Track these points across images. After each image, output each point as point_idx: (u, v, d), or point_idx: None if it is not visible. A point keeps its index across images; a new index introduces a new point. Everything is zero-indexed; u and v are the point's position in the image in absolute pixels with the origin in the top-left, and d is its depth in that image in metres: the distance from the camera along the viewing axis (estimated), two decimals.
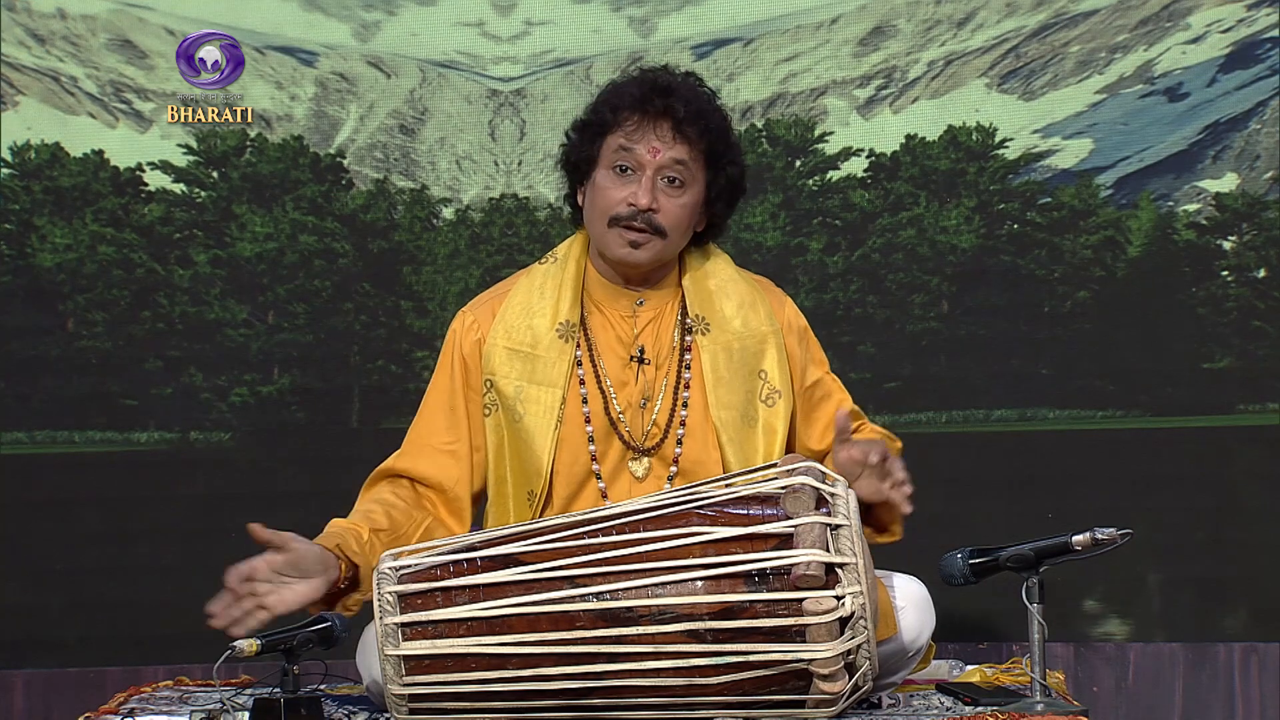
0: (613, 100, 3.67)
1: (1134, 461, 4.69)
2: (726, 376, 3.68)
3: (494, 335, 3.71)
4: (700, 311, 3.71)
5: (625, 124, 3.65)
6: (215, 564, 4.65)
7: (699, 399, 3.69)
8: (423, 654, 3.28)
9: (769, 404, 3.69)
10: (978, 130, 4.75)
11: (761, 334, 3.72)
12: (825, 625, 3.21)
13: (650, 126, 3.63)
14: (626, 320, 3.72)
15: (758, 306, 3.75)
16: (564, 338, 3.69)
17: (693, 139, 3.63)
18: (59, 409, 4.68)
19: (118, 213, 4.70)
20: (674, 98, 3.63)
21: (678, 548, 3.27)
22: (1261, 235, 4.73)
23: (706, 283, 3.75)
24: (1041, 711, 3.41)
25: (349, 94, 4.77)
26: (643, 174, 3.63)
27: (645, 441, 3.67)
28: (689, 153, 3.63)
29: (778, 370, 3.71)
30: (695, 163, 3.64)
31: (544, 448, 3.65)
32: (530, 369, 3.68)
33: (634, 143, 3.64)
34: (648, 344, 3.71)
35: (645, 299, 3.73)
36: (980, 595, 3.68)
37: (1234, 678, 4.64)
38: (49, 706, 4.60)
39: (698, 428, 3.67)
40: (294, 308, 4.71)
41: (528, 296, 3.73)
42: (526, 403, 3.67)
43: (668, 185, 3.63)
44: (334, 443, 4.69)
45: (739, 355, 3.70)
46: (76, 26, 4.72)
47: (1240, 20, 4.73)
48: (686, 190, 3.65)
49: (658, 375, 3.70)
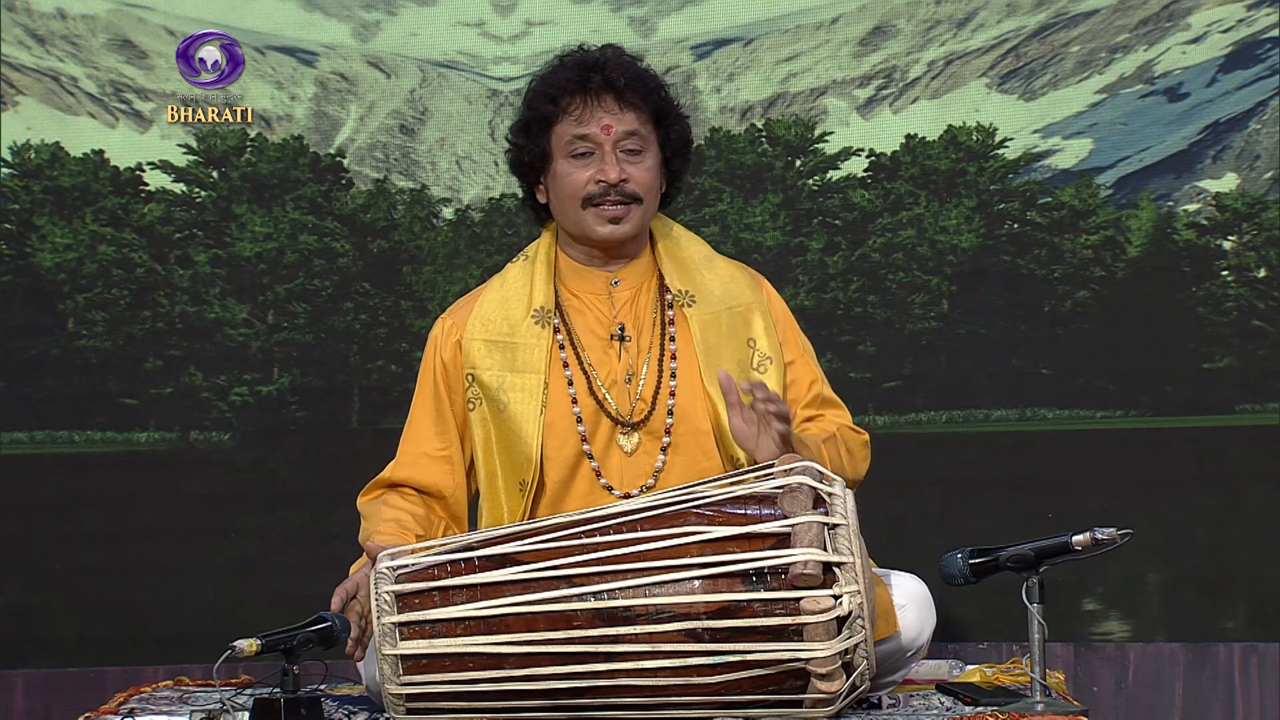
0: (548, 90, 3.71)
1: (1134, 461, 4.69)
2: (717, 346, 3.71)
3: (471, 330, 3.74)
4: (683, 286, 3.75)
5: (570, 109, 3.69)
6: (215, 564, 4.68)
7: (686, 370, 3.70)
8: (420, 653, 3.29)
9: (761, 371, 3.73)
10: (978, 130, 4.74)
11: (746, 303, 3.76)
12: (822, 624, 3.21)
13: (595, 103, 3.68)
14: (603, 301, 3.75)
15: (737, 278, 3.81)
16: (540, 323, 3.71)
17: (637, 104, 3.69)
18: (59, 409, 4.68)
19: (118, 212, 4.70)
20: (608, 70, 3.69)
21: (675, 547, 3.27)
22: (1261, 235, 4.73)
23: (683, 258, 3.79)
24: (1041, 711, 3.41)
25: (349, 94, 4.77)
26: (601, 150, 3.67)
27: (632, 416, 3.69)
28: (637, 119, 3.69)
29: (765, 337, 3.76)
30: (645, 127, 3.70)
31: (531, 434, 3.66)
32: (510, 358, 3.71)
33: (585, 125, 3.68)
34: (627, 321, 3.74)
35: (620, 278, 3.75)
36: (980, 595, 3.68)
37: (1234, 678, 4.64)
38: (49, 706, 4.60)
39: (687, 399, 3.69)
40: (294, 307, 4.71)
41: (502, 292, 3.77)
42: (509, 391, 3.69)
43: (628, 155, 3.69)
44: (334, 443, 4.69)
45: (728, 325, 3.73)
46: (76, 26, 4.72)
47: (1240, 20, 4.73)
48: (645, 154, 3.71)
49: (640, 351, 3.72)
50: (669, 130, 3.74)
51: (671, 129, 3.74)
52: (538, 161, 3.73)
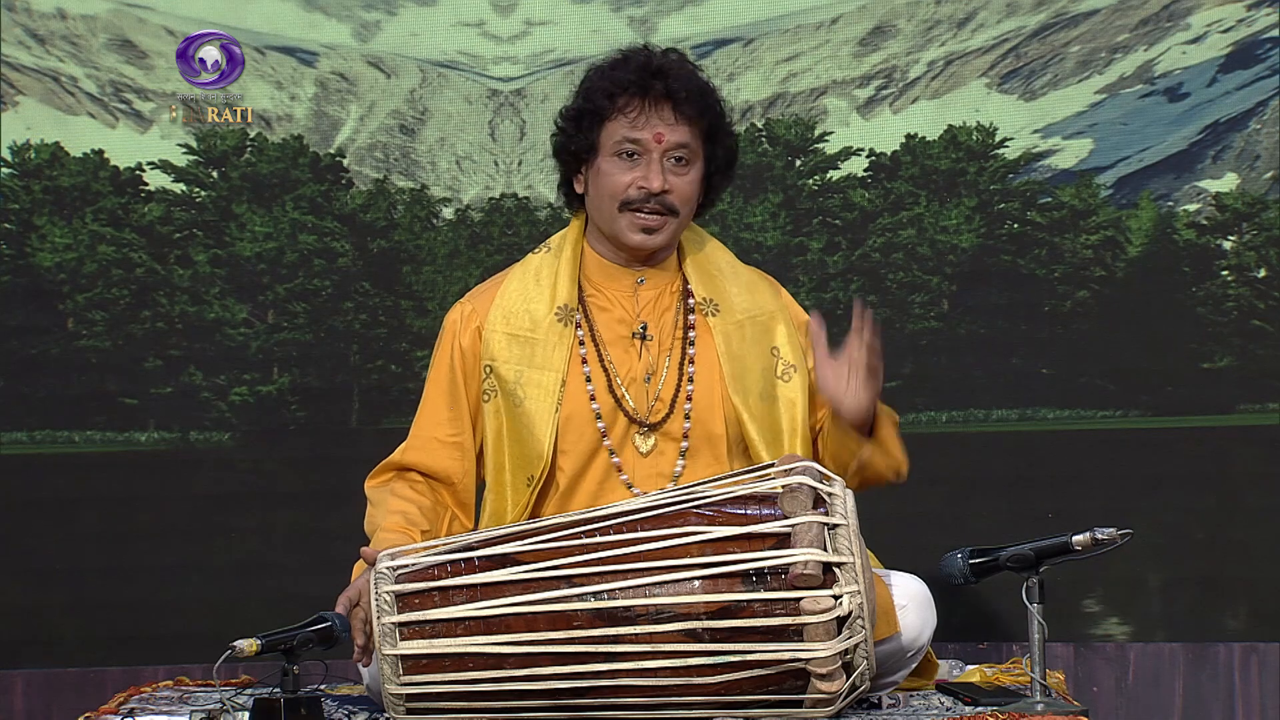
0: (607, 87, 3.69)
1: (1134, 461, 4.69)
2: (741, 355, 3.72)
3: (492, 321, 3.73)
4: (707, 294, 3.75)
5: (626, 110, 3.67)
6: (215, 564, 4.68)
7: (706, 376, 3.70)
8: (420, 653, 3.29)
9: (785, 379, 3.73)
10: (978, 130, 4.74)
11: (769, 312, 3.77)
12: (823, 624, 3.21)
13: (652, 110, 3.67)
14: (628, 298, 3.75)
15: (760, 287, 3.82)
16: (563, 321, 3.71)
17: (693, 118, 3.68)
18: (59, 409, 4.68)
19: (118, 212, 4.70)
20: (670, 79, 3.67)
21: (675, 547, 3.27)
22: (1261, 235, 4.73)
23: (708, 266, 3.79)
24: (1041, 711, 3.41)
25: (349, 94, 4.77)
26: (649, 157, 3.66)
27: (650, 416, 3.69)
28: (690, 132, 3.68)
29: (788, 345, 3.76)
30: (696, 140, 3.69)
31: (545, 432, 3.66)
32: (529, 353, 3.70)
33: (638, 129, 3.66)
34: (650, 321, 3.74)
35: (646, 277, 3.76)
36: (980, 595, 3.68)
37: (1234, 678, 4.64)
38: (49, 706, 4.60)
39: (704, 403, 3.69)
40: (294, 307, 4.71)
41: (524, 283, 3.76)
42: (526, 386, 3.69)
43: (674, 165, 3.68)
44: (334, 443, 4.69)
45: (751, 335, 3.74)
46: (76, 26, 4.72)
47: (1240, 20, 4.72)
48: (691, 167, 3.70)
49: (660, 352, 3.72)
50: (718, 145, 3.73)
51: (720, 145, 3.73)
52: (584, 153, 3.72)
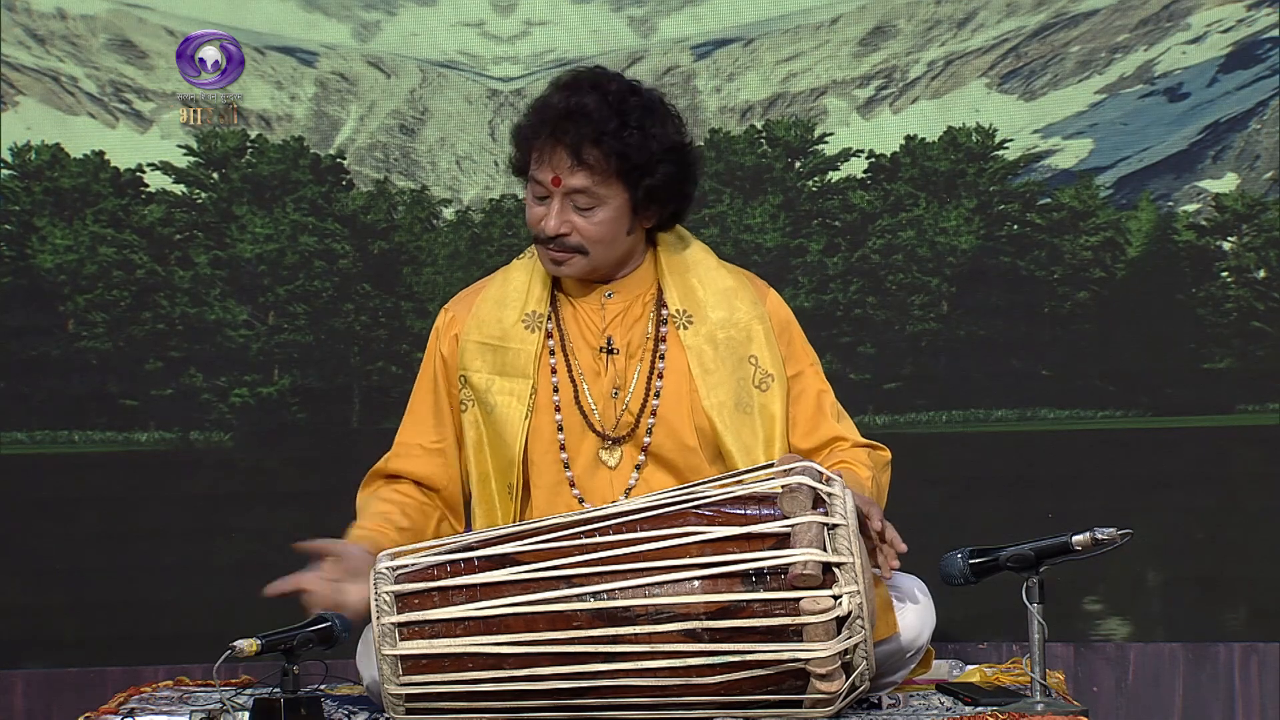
0: (527, 119, 3.65)
1: (1134, 461, 4.69)
2: (714, 367, 3.69)
3: (467, 330, 3.73)
4: (683, 305, 3.71)
5: (535, 149, 3.62)
6: (215, 564, 4.68)
7: (674, 389, 3.68)
8: (420, 654, 3.29)
9: (763, 389, 3.70)
10: (978, 131, 4.75)
11: (747, 320, 3.72)
12: (822, 625, 3.21)
13: (549, 154, 3.59)
14: (596, 312, 3.73)
15: (741, 294, 3.75)
16: (530, 328, 3.70)
17: (593, 164, 3.57)
18: (59, 409, 4.68)
19: (118, 214, 4.70)
20: (572, 123, 3.56)
21: (674, 547, 3.27)
22: (1261, 236, 4.73)
23: (687, 275, 3.74)
24: (1041, 711, 3.41)
25: (349, 94, 4.77)
26: (554, 197, 3.61)
27: (616, 430, 3.68)
28: (590, 178, 3.58)
29: (768, 353, 3.71)
30: (602, 183, 3.59)
31: (515, 438, 3.66)
32: (500, 361, 3.70)
33: (539, 170, 3.62)
34: (616, 335, 3.72)
35: (614, 291, 3.74)
36: (980, 595, 3.68)
37: (1234, 678, 4.64)
38: (49, 706, 4.60)
39: (672, 416, 3.67)
40: (294, 308, 4.71)
41: (502, 290, 3.76)
42: (497, 394, 3.69)
43: (576, 209, 3.61)
44: (334, 443, 4.69)
45: (725, 345, 3.70)
46: (76, 26, 4.72)
47: (1240, 20, 4.73)
48: (599, 208, 3.61)
49: (629, 365, 3.71)
50: (637, 185, 3.59)
51: (641, 182, 3.59)
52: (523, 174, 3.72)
